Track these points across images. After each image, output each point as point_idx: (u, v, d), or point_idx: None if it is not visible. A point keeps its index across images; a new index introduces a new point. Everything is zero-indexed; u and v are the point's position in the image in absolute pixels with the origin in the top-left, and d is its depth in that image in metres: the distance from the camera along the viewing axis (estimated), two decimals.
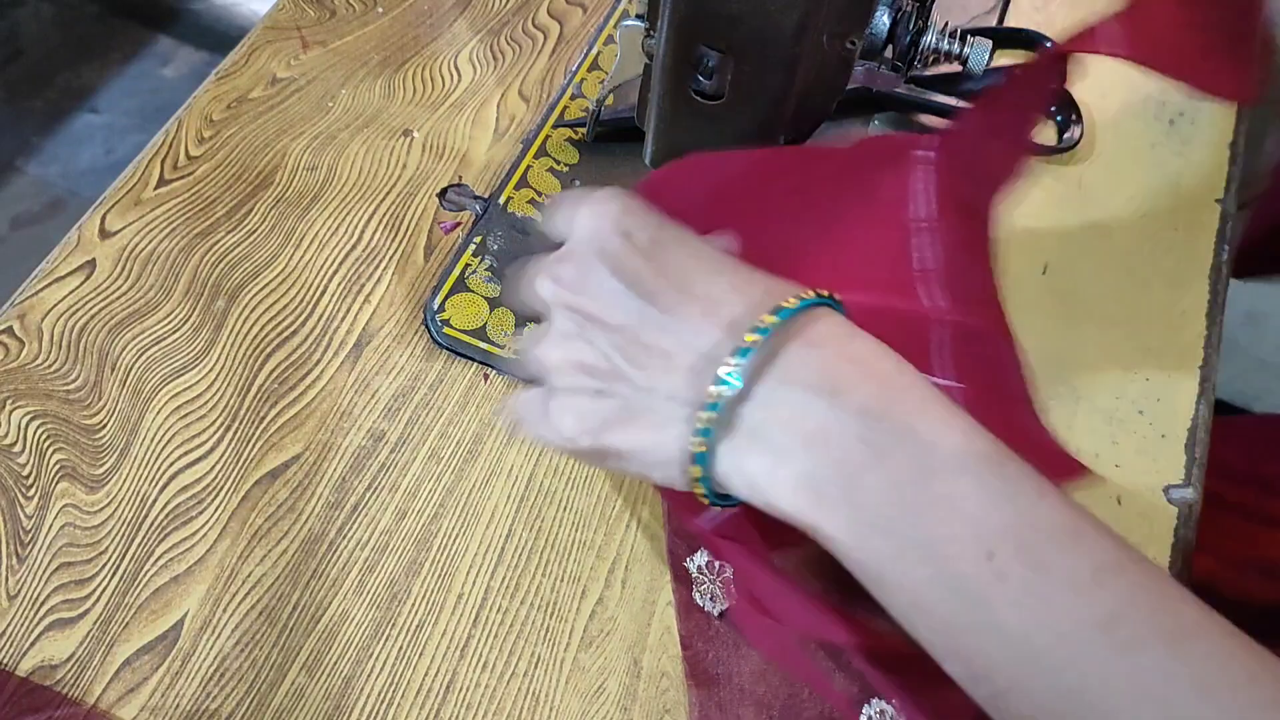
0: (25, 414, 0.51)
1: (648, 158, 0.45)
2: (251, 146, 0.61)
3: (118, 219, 0.58)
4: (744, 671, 0.44)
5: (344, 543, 0.48)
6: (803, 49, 0.37)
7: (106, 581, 0.46)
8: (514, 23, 0.68)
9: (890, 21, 0.42)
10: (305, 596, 0.46)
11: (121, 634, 0.45)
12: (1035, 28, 0.68)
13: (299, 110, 0.63)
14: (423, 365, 0.53)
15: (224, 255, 0.57)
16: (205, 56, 1.78)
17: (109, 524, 0.48)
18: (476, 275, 0.56)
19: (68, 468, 0.49)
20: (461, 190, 0.60)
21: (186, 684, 0.44)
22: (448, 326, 0.54)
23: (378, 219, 0.58)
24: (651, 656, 0.46)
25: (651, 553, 0.48)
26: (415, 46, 0.67)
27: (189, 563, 0.47)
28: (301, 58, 0.66)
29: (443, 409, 0.52)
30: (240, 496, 0.49)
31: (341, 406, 0.52)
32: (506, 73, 0.65)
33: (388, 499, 0.49)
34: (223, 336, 0.54)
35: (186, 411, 0.51)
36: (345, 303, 0.55)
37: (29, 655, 0.45)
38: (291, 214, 0.58)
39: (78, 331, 0.53)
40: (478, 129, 0.63)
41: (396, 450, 0.50)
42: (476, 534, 0.48)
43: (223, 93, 0.63)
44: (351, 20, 0.68)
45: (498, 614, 0.46)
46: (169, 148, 0.61)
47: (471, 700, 0.44)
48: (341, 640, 0.46)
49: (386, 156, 0.61)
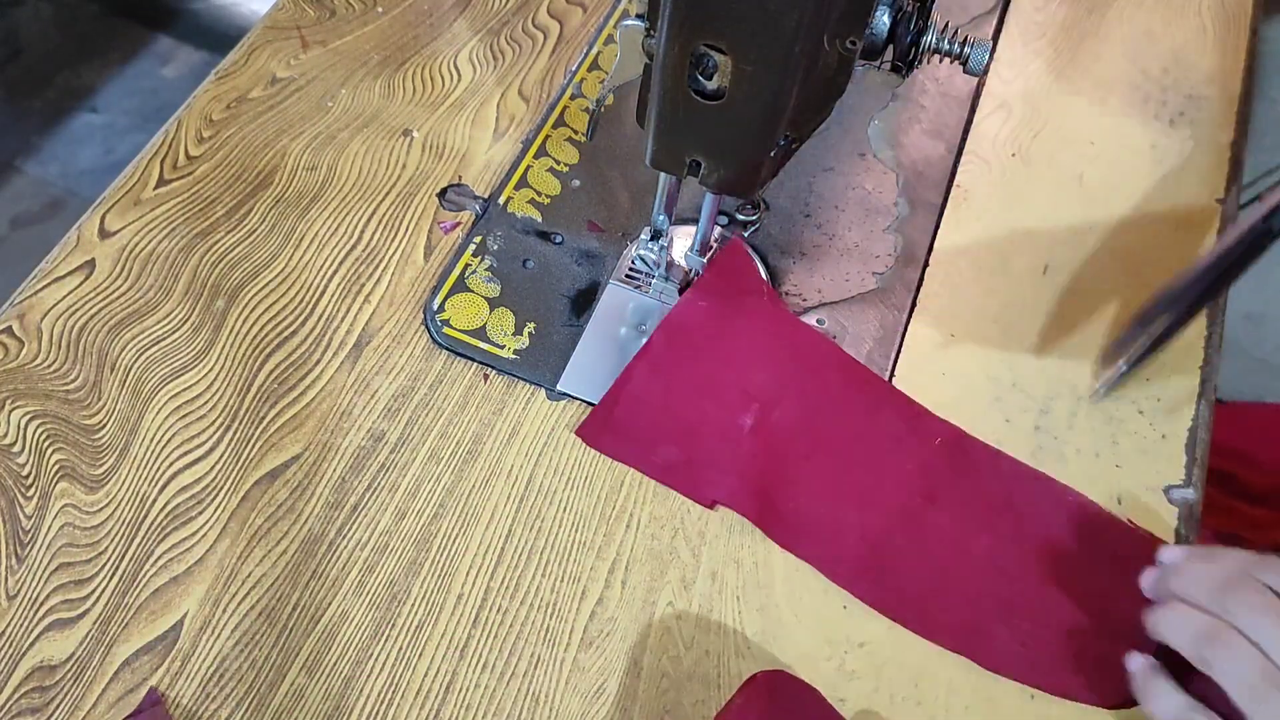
0: (25, 414, 0.51)
1: (648, 158, 0.45)
2: (251, 146, 0.61)
3: (117, 219, 0.57)
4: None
5: (344, 543, 0.48)
6: (803, 49, 0.37)
7: (106, 582, 0.46)
8: (514, 23, 0.68)
9: (890, 21, 0.41)
10: (305, 597, 0.46)
11: (121, 634, 0.45)
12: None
13: (299, 110, 0.63)
14: (422, 365, 0.53)
15: (224, 255, 0.57)
16: (205, 56, 1.78)
17: (108, 524, 0.48)
18: (476, 275, 0.56)
19: (67, 468, 0.49)
20: (461, 190, 0.60)
21: (186, 684, 0.44)
22: (447, 326, 0.54)
23: (378, 219, 0.58)
24: (651, 656, 0.45)
25: (651, 553, 0.48)
26: (415, 46, 0.67)
27: (189, 563, 0.47)
28: (301, 57, 0.66)
29: (443, 409, 0.52)
30: (240, 497, 0.49)
31: (341, 406, 0.52)
32: (506, 73, 0.65)
33: (387, 499, 0.49)
34: (222, 336, 0.54)
35: (186, 411, 0.51)
36: (345, 303, 0.55)
37: (28, 655, 0.45)
38: (291, 214, 0.58)
39: (77, 331, 0.53)
40: (478, 129, 0.63)
41: (396, 450, 0.50)
42: (476, 534, 0.48)
43: (222, 93, 0.63)
44: (351, 20, 0.68)
45: (498, 614, 0.46)
46: (169, 148, 0.61)
47: (471, 700, 0.44)
48: (341, 640, 0.45)
49: (386, 156, 0.61)
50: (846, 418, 0.51)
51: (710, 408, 0.51)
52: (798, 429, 0.50)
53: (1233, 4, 0.69)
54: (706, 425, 0.50)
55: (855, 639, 0.46)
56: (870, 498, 0.49)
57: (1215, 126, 0.63)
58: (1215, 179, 0.61)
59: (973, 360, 0.54)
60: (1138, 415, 0.52)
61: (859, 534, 0.48)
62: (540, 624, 0.46)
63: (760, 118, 0.40)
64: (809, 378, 0.52)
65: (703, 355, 0.52)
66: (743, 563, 0.48)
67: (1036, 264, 0.57)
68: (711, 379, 0.51)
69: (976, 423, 0.51)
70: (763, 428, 0.50)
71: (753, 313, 0.53)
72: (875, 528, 0.48)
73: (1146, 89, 0.65)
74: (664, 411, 0.51)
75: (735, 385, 0.51)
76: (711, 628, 0.46)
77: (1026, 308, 0.56)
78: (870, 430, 0.51)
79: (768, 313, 0.53)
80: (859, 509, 0.49)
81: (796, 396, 0.51)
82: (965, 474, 0.50)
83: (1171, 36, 0.67)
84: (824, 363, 0.52)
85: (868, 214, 0.60)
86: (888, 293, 0.56)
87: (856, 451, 0.50)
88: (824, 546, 0.48)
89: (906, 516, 0.48)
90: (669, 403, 0.51)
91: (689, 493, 0.49)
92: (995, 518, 0.48)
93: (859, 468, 0.50)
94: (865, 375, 0.52)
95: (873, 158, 0.62)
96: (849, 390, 0.52)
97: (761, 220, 0.59)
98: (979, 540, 0.48)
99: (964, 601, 0.46)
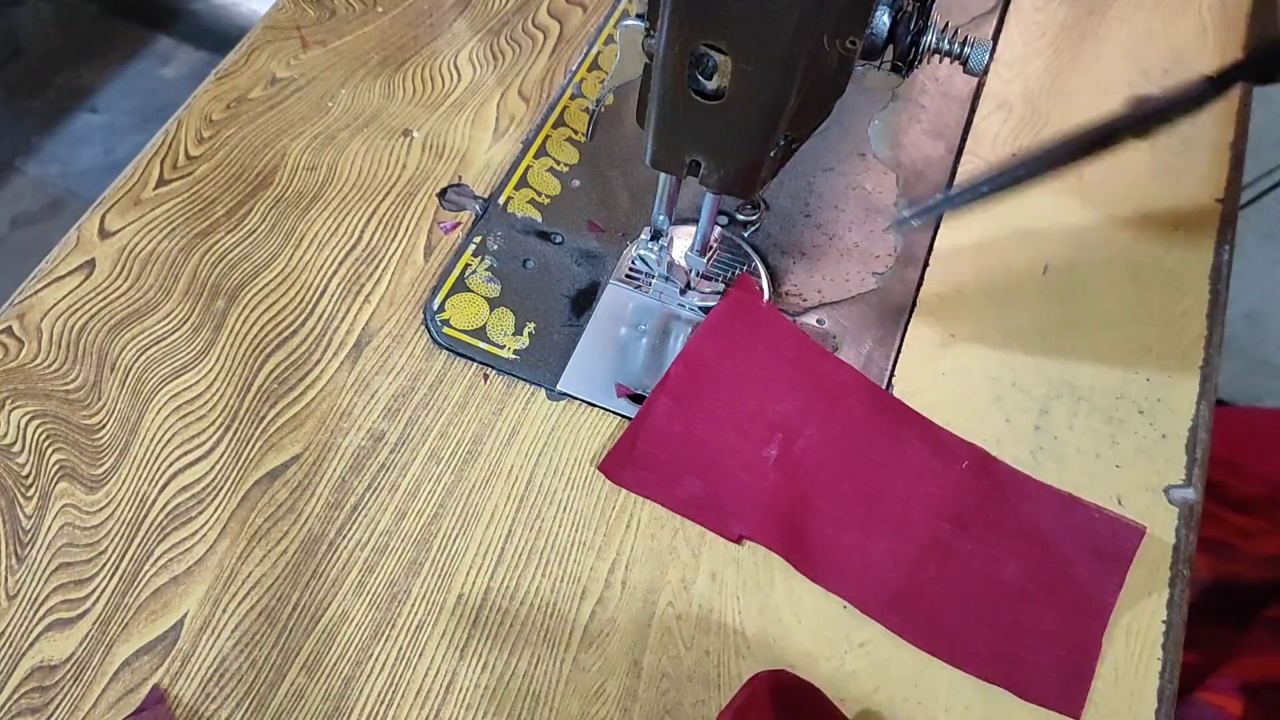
0: (25, 414, 0.51)
1: (648, 158, 0.45)
2: (251, 146, 0.61)
3: (117, 219, 0.57)
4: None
5: (344, 543, 0.48)
6: (803, 49, 0.37)
7: (106, 582, 0.46)
8: (514, 23, 0.68)
9: (890, 21, 0.41)
10: (305, 597, 0.46)
11: (121, 634, 0.45)
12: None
13: (299, 110, 0.63)
14: (422, 365, 0.53)
15: (224, 255, 0.57)
16: (205, 56, 1.77)
17: (108, 524, 0.48)
18: (476, 275, 0.56)
19: (67, 468, 0.49)
20: (461, 190, 0.60)
21: (186, 685, 0.44)
22: (447, 326, 0.54)
23: (378, 219, 0.58)
24: (651, 656, 0.45)
25: (651, 553, 0.48)
26: (415, 46, 0.67)
27: (189, 563, 0.47)
28: (301, 58, 0.66)
29: (443, 409, 0.52)
30: (240, 497, 0.49)
31: (341, 406, 0.52)
32: (506, 73, 0.65)
33: (387, 499, 0.49)
34: (222, 336, 0.54)
35: (186, 411, 0.51)
36: (345, 303, 0.55)
37: (28, 655, 0.45)
38: (291, 214, 0.58)
39: (77, 331, 0.53)
40: (478, 129, 0.63)
41: (396, 450, 0.50)
42: (476, 534, 0.48)
43: (222, 93, 0.63)
44: (351, 20, 0.68)
45: (497, 614, 0.46)
46: (169, 148, 0.61)
47: (471, 700, 0.44)
48: (341, 640, 0.45)
49: (386, 156, 0.61)
50: (872, 445, 0.50)
51: (733, 439, 0.50)
52: (823, 459, 0.50)
53: (1233, 4, 0.69)
54: (730, 458, 0.50)
55: (855, 639, 0.46)
56: (899, 526, 0.48)
57: (1215, 126, 0.63)
58: (1215, 179, 0.61)
59: (973, 360, 0.54)
60: (1138, 415, 0.52)
61: (890, 564, 0.48)
62: (540, 624, 0.46)
63: (760, 118, 0.40)
64: (832, 406, 0.51)
65: (723, 386, 0.51)
66: (742, 563, 0.48)
67: (1036, 264, 0.57)
68: (733, 410, 0.51)
69: (976, 423, 0.51)
70: (786, 459, 0.50)
71: (773, 341, 0.53)
72: (906, 558, 0.48)
73: (1146, 89, 0.65)
74: (686, 444, 0.50)
75: (758, 416, 0.51)
76: (711, 628, 0.46)
77: (1026, 308, 0.56)
78: (896, 457, 0.50)
79: (788, 340, 0.53)
80: (889, 538, 0.48)
81: (819, 425, 0.51)
82: (992, 498, 0.49)
83: (1171, 36, 0.67)
84: (846, 390, 0.52)
85: (868, 214, 0.60)
86: (888, 293, 0.56)
87: (883, 479, 0.50)
88: (854, 579, 0.47)
89: (936, 545, 0.48)
90: (691, 435, 0.50)
91: (715, 527, 0.49)
92: (1024, 543, 0.48)
93: (887, 496, 0.49)
94: (888, 401, 0.52)
95: (873, 158, 0.62)
96: (873, 417, 0.51)
97: (761, 220, 0.59)
98: (1008, 567, 0.48)
99: (997, 631, 0.46)
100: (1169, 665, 0.46)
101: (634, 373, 0.53)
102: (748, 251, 0.57)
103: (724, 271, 0.56)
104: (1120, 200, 0.60)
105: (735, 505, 0.49)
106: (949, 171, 0.61)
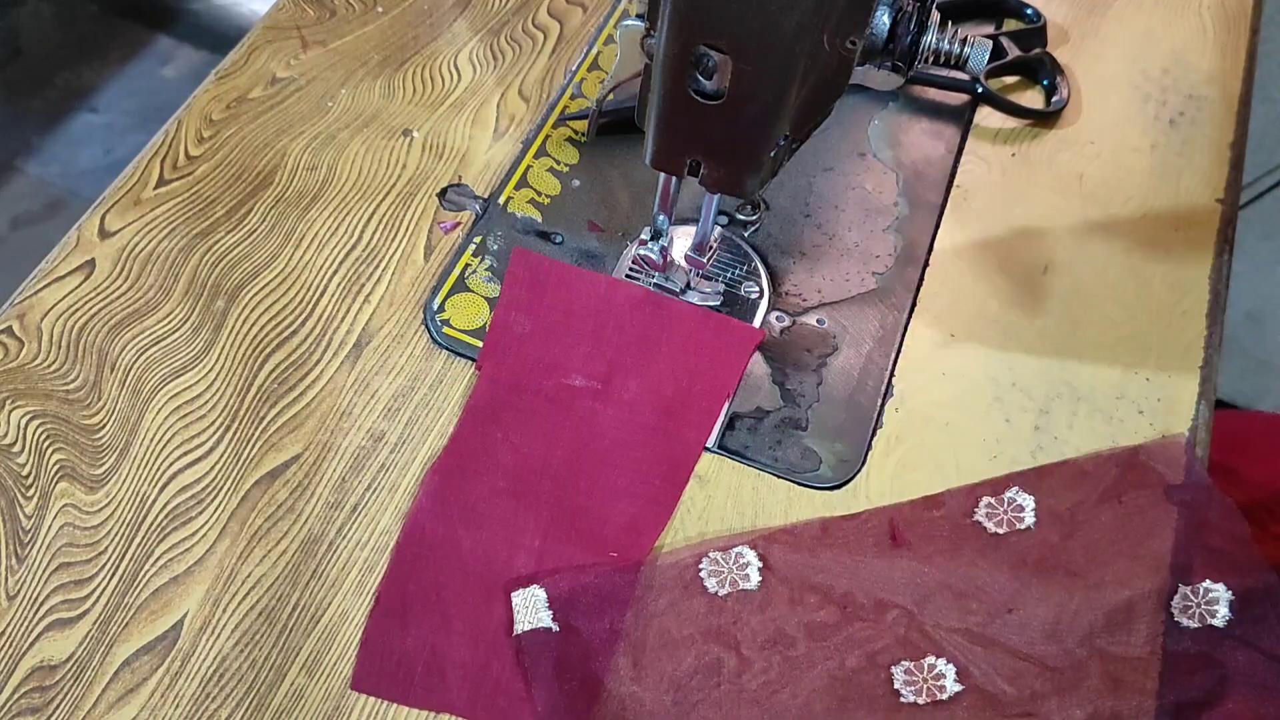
0: (25, 414, 0.51)
1: (648, 158, 0.45)
2: (251, 146, 0.61)
3: (117, 219, 0.57)
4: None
5: (344, 543, 0.48)
6: (803, 49, 0.37)
7: (106, 582, 0.46)
8: (514, 23, 0.68)
9: (890, 21, 0.42)
10: (305, 596, 0.46)
11: (121, 634, 0.45)
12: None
13: (299, 110, 0.63)
14: (422, 365, 0.53)
15: (224, 255, 0.57)
16: (205, 56, 1.77)
17: (108, 524, 0.48)
18: (476, 275, 0.56)
19: (67, 468, 0.49)
20: (461, 190, 0.60)
21: (186, 684, 0.44)
22: (448, 326, 0.54)
23: (378, 219, 0.58)
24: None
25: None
26: (415, 46, 0.67)
27: (189, 563, 0.47)
28: (301, 58, 0.66)
29: (443, 409, 0.52)
30: (240, 497, 0.49)
31: (341, 406, 0.52)
32: (506, 73, 0.65)
33: (388, 499, 0.49)
34: (222, 336, 0.54)
35: (186, 412, 0.51)
36: (345, 303, 0.55)
37: (28, 655, 0.45)
38: (291, 214, 0.58)
39: (77, 331, 0.53)
40: (478, 129, 0.63)
41: (396, 450, 0.50)
42: None
43: (222, 93, 0.63)
44: (351, 20, 0.68)
45: None
46: (169, 148, 0.61)
47: None
48: (341, 640, 0.45)
49: (386, 156, 0.61)
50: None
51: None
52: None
53: (1233, 4, 0.69)
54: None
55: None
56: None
57: (1215, 126, 0.63)
58: (1215, 179, 0.61)
59: (973, 360, 0.54)
60: (1138, 415, 0.52)
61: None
62: None
63: (760, 118, 0.40)
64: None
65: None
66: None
67: (1036, 264, 0.57)
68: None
69: (976, 423, 0.51)
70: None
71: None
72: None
73: (1146, 89, 0.65)
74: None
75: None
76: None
77: (1026, 308, 0.56)
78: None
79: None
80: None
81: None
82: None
83: (1171, 36, 0.67)
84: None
85: (868, 214, 0.60)
86: (888, 293, 0.56)
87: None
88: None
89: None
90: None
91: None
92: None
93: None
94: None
95: (873, 158, 0.62)
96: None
97: (761, 220, 0.59)
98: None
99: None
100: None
101: None
102: (747, 251, 0.57)
103: (724, 272, 0.56)
104: (1120, 200, 0.60)
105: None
106: (949, 171, 0.61)
